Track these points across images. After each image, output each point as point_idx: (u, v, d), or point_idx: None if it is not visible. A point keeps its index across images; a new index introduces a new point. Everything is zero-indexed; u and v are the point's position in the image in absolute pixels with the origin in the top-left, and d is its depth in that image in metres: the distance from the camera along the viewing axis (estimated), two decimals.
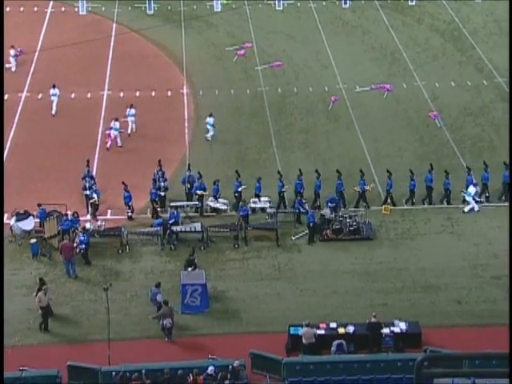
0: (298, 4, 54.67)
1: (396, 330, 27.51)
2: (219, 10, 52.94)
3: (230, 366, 25.39)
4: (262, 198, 34.87)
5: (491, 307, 29.59)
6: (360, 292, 30.39)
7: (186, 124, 41.82)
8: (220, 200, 34.90)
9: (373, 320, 27.38)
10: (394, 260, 32.14)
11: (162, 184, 35.10)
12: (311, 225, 32.96)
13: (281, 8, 53.44)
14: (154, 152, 38.67)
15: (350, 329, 27.53)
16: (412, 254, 32.45)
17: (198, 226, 33.15)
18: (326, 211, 33.90)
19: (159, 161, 35.97)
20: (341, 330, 27.51)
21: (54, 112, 42.10)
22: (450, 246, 32.89)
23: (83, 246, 31.50)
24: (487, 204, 35.22)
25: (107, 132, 39.47)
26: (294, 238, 33.35)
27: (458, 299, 29.96)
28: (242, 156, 39.08)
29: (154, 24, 51.16)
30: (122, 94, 44.22)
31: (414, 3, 54.15)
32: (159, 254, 32.46)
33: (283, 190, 34.97)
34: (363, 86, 44.56)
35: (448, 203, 35.29)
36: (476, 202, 34.89)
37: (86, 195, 34.71)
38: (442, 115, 42.17)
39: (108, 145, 39.27)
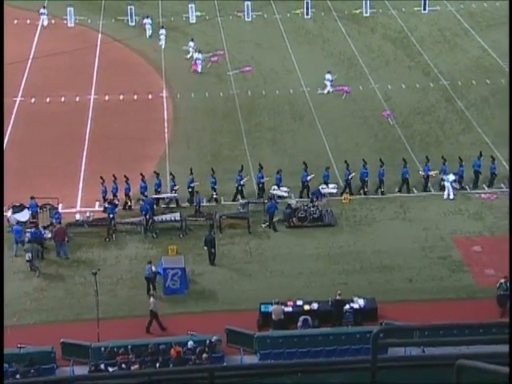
0: (265, 15, 54.56)
1: (355, 306, 27.65)
2: (194, 21, 52.75)
3: (208, 341, 25.44)
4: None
5: (438, 284, 29.86)
6: (323, 273, 30.49)
7: (166, 124, 41.61)
8: (282, 188, 34.73)
9: (338, 298, 27.52)
10: (353, 244, 32.26)
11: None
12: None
13: (249, 19, 53.27)
14: (136, 150, 38.57)
15: (315, 306, 27.64)
16: (369, 239, 32.59)
17: (177, 216, 33.04)
18: (292, 201, 33.95)
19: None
20: (306, 307, 27.60)
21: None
22: (402, 231, 33.08)
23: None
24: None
25: (193, 62, 46.36)
26: (263, 226, 33.35)
27: (410, 278, 30.16)
28: (216, 153, 38.98)
29: (136, 34, 50.83)
30: (107, 98, 43.91)
31: (368, 15, 54.24)
32: (142, 242, 32.31)
33: (349, 177, 34.86)
34: (324, 89, 44.60)
35: (408, 191, 35.36)
36: (453, 188, 34.73)
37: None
38: (394, 114, 42.32)
39: (198, 69, 46.07)
